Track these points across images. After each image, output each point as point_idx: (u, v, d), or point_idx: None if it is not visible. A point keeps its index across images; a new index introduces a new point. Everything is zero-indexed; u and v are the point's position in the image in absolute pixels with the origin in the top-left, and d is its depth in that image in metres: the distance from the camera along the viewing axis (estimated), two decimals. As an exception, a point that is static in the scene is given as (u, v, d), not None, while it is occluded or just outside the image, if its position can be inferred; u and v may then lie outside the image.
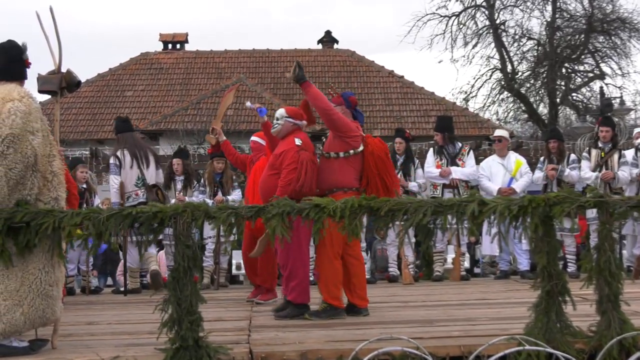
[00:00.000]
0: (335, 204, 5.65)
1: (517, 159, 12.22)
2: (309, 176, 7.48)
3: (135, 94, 32.23)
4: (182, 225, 5.54)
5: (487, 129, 28.35)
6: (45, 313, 5.75)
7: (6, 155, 5.52)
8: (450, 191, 11.75)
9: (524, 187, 11.87)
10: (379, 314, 7.85)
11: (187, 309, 5.45)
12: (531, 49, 35.32)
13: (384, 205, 5.63)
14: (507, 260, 12.24)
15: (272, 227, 5.59)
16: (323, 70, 32.81)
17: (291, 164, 7.50)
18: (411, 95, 31.19)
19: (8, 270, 5.62)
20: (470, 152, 12.24)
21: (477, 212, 5.56)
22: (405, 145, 12.14)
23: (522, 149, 17.63)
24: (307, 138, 7.86)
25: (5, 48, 5.99)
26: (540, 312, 5.67)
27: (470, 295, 9.63)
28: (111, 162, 11.17)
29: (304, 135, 7.84)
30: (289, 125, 7.85)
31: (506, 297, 9.19)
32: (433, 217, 5.65)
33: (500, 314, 7.58)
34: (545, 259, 5.65)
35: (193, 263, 5.55)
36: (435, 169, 11.85)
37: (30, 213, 5.56)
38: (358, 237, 6.18)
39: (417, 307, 8.48)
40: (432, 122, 28.46)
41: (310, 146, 7.78)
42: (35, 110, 5.74)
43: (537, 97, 35.66)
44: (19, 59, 6.00)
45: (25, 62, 6.03)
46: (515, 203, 5.58)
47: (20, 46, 6.01)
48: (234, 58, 34.18)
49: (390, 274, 12.16)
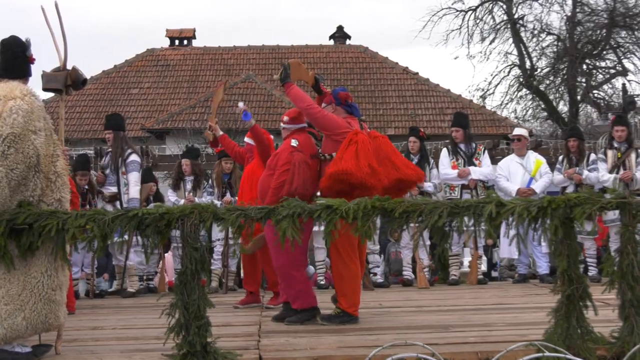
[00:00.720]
0: (347, 205, 5.64)
1: (537, 158, 12.19)
2: (300, 177, 7.48)
3: (141, 91, 32.28)
4: (190, 227, 5.55)
5: (504, 128, 28.29)
6: (48, 318, 5.75)
7: (7, 156, 5.52)
8: (469, 192, 11.72)
9: (544, 187, 11.85)
10: (393, 318, 7.85)
11: (194, 314, 5.46)
12: (551, 45, 35.23)
13: (398, 206, 5.63)
14: (525, 264, 12.23)
15: (283, 229, 5.59)
16: (335, 67, 32.79)
17: (284, 165, 7.57)
18: (426, 93, 31.14)
19: (10, 274, 5.62)
20: (485, 151, 12.23)
21: (495, 214, 5.55)
22: (419, 145, 12.12)
23: (541, 148, 17.56)
24: (308, 139, 7.90)
25: (8, 44, 6.00)
26: (561, 317, 5.66)
27: (488, 299, 9.62)
28: (136, 160, 11.20)
29: (303, 137, 7.87)
30: (289, 127, 7.97)
31: (525, 302, 9.18)
32: (449, 219, 5.64)
33: (518, 319, 7.57)
34: (565, 262, 5.64)
35: (201, 266, 5.56)
36: (452, 169, 11.83)
37: (33, 214, 5.57)
38: (371, 239, 6.19)
39: (433, 312, 8.47)
40: (448, 120, 28.48)
41: (308, 147, 7.79)
42: (37, 108, 5.75)
43: (557, 95, 35.58)
44: (21, 55, 6.01)
45: (29, 59, 6.04)
46: (535, 204, 5.57)
47: (24, 42, 6.02)
48: (242, 54, 34.20)
49: (404, 278, 12.15)
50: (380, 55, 33.45)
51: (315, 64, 32.93)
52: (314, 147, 7.87)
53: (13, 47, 6.01)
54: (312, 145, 7.87)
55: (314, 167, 7.71)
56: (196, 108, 28.72)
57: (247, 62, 33.61)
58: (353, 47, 34.53)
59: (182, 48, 35.19)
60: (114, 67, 33.61)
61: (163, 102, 31.47)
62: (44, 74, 6.41)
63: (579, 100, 34.42)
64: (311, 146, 7.84)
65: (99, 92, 31.93)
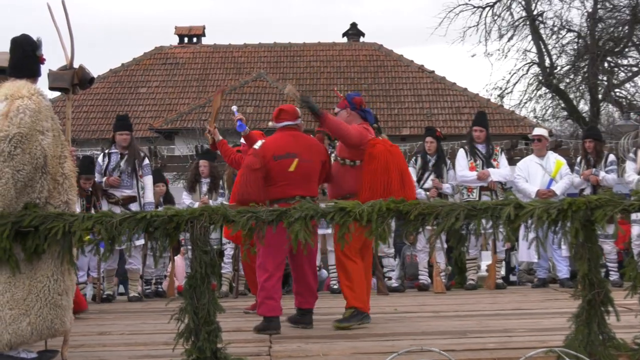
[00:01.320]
0: (361, 207, 5.64)
1: (557, 159, 12.18)
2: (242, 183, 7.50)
3: (149, 90, 32.33)
4: (200, 229, 5.56)
5: (523, 128, 28.22)
6: (53, 324, 5.75)
7: (14, 156, 5.53)
8: (488, 194, 11.70)
9: (564, 189, 11.82)
10: (409, 324, 7.85)
11: (204, 319, 5.47)
12: (571, 42, 35.10)
13: (413, 208, 5.62)
14: (545, 268, 12.19)
15: (295, 231, 5.59)
16: (348, 65, 32.78)
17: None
18: (442, 92, 31.09)
19: (15, 278, 5.63)
20: (503, 152, 12.23)
21: (514, 216, 5.54)
22: (436, 145, 12.10)
23: (561, 149, 17.54)
24: (284, 139, 7.77)
25: (19, 43, 6.01)
26: (581, 323, 5.64)
27: (506, 304, 9.60)
28: (148, 163, 11.74)
29: (278, 137, 7.80)
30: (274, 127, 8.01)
31: (544, 307, 9.16)
32: (466, 222, 5.63)
33: (538, 324, 7.56)
34: (586, 266, 5.63)
35: (211, 270, 5.57)
36: (469, 171, 11.82)
37: (39, 217, 5.58)
38: (385, 243, 6.19)
39: (450, 317, 8.46)
40: (465, 120, 28.52)
41: (272, 150, 7.63)
42: (45, 108, 5.76)
43: (578, 93, 35.46)
44: (32, 55, 6.02)
45: (39, 59, 6.05)
46: (554, 206, 5.56)
47: (35, 41, 6.03)
48: (253, 52, 34.22)
49: (420, 282, 12.14)
50: (395, 53, 33.42)
51: (328, 62, 32.95)
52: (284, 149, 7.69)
53: (24, 45, 6.03)
54: (282, 147, 7.70)
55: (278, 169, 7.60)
56: (206, 107, 28.71)
57: (258, 60, 33.62)
58: (367, 44, 34.50)
59: (191, 46, 35.22)
60: (121, 66, 33.67)
61: (172, 102, 31.51)
62: (50, 73, 6.42)
63: (600, 99, 34.28)
64: (277, 147, 7.68)
65: (106, 92, 31.99)
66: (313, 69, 32.78)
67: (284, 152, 7.62)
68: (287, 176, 7.54)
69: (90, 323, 8.57)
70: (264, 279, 7.49)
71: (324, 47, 34.02)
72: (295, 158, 7.61)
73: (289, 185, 7.52)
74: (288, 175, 7.54)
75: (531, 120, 31.24)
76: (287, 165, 7.56)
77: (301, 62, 33.24)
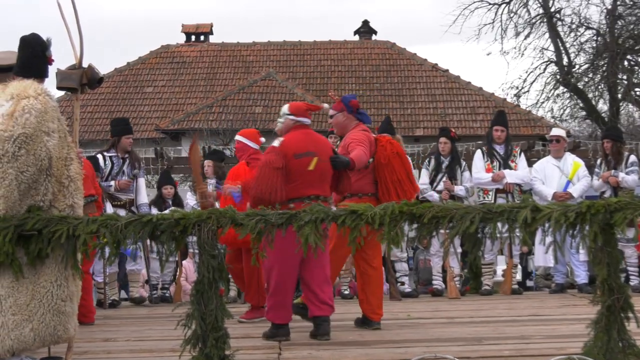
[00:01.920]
0: (373, 210, 5.64)
1: (574, 160, 12.16)
2: (260, 181, 7.34)
3: (155, 90, 32.39)
4: (207, 233, 5.56)
5: (540, 128, 28.20)
6: (56, 330, 5.75)
7: (17, 157, 5.53)
8: (504, 197, 11.69)
9: (582, 191, 11.81)
10: (422, 330, 7.84)
11: (212, 325, 5.47)
12: (590, 40, 34.98)
13: (427, 211, 5.62)
14: (563, 273, 12.17)
15: (305, 235, 5.59)
16: (360, 63, 32.79)
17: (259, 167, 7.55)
18: (457, 91, 31.10)
19: (18, 283, 5.63)
20: (522, 152, 12.21)
21: (530, 219, 5.53)
22: (450, 146, 12.10)
23: (579, 150, 17.50)
24: (301, 137, 7.70)
25: (28, 42, 6.02)
26: (600, 329, 5.63)
27: (523, 310, 9.59)
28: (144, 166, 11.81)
29: (294, 135, 7.70)
30: (290, 122, 7.78)
31: (562, 313, 9.15)
32: (481, 225, 5.63)
33: (555, 331, 7.55)
34: (605, 270, 5.61)
35: (219, 274, 5.57)
36: (486, 173, 11.81)
37: (43, 220, 5.59)
38: (398, 247, 6.19)
39: (464, 323, 8.46)
40: (480, 120, 28.53)
41: (293, 147, 7.54)
42: (52, 109, 5.75)
43: (597, 93, 35.33)
44: (41, 55, 6.03)
45: (48, 59, 6.06)
46: (573, 209, 5.54)
47: (44, 41, 6.04)
48: (262, 51, 34.27)
49: (434, 288, 12.14)
50: (408, 52, 33.44)
51: (339, 61, 32.97)
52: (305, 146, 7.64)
53: (33, 45, 6.03)
54: (302, 144, 7.63)
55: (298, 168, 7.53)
56: (213, 107, 28.80)
57: (267, 59, 33.66)
58: (379, 42, 34.52)
59: (198, 44, 35.29)
60: (126, 65, 33.74)
61: (178, 101, 31.57)
62: (59, 72, 6.41)
63: (619, 98, 34.18)
64: (297, 146, 7.60)
65: (111, 91, 32.05)
66: (324, 67, 32.81)
67: (304, 150, 7.59)
68: (306, 175, 7.51)
69: (95, 329, 8.58)
70: (275, 284, 7.42)
71: (335, 45, 34.05)
72: (314, 157, 7.62)
73: (305, 184, 7.50)
74: (307, 174, 7.52)
75: (548, 121, 31.20)
76: (306, 164, 7.53)
77: (311, 61, 33.27)
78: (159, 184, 13.21)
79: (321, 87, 31.27)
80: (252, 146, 9.33)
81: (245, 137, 9.43)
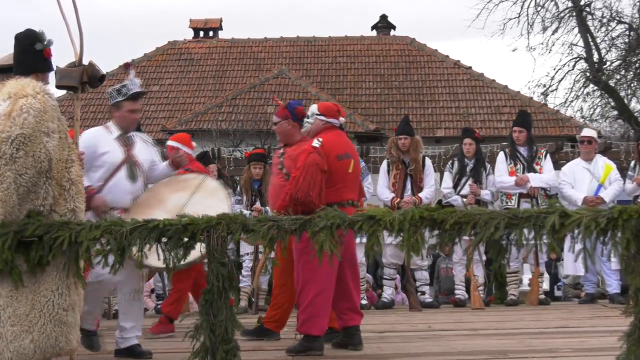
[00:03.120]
0: (392, 215, 5.63)
1: (606, 163, 12.12)
2: (306, 183, 7.30)
3: (161, 88, 32.45)
4: (216, 239, 5.57)
5: (569, 128, 28.14)
6: (58, 342, 5.75)
7: (16, 159, 5.53)
8: (528, 201, 11.67)
9: (614, 196, 11.77)
10: (444, 343, 7.84)
11: (221, 337, 5.48)
12: (622, 35, 34.92)
13: (449, 217, 5.61)
14: (593, 282, 12.14)
15: (320, 242, 5.58)
16: (378, 60, 32.78)
17: (298, 168, 7.49)
18: (480, 89, 31.06)
19: (17, 292, 5.64)
20: (547, 155, 12.18)
21: (559, 226, 5.52)
22: (475, 147, 12.07)
23: (610, 152, 17.45)
24: (338, 138, 7.80)
25: (17, 39, 6.07)
26: (633, 342, 5.61)
27: (550, 322, 9.57)
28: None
29: (331, 136, 7.76)
30: (320, 123, 7.84)
31: (592, 325, 9.13)
32: (507, 231, 5.61)
33: (585, 344, 7.54)
34: (638, 280, 5.60)
35: (229, 284, 5.58)
36: (508, 176, 11.78)
37: (43, 225, 5.60)
38: (418, 254, 6.17)
39: (489, 335, 8.45)
40: (505, 120, 28.47)
41: (334, 149, 7.62)
42: (51, 108, 5.76)
43: (629, 91, 35.27)
44: (30, 49, 6.05)
45: (43, 53, 6.07)
46: (604, 215, 5.52)
47: (33, 34, 6.06)
48: (274, 47, 34.28)
49: (456, 298, 12.12)
50: (428, 48, 33.40)
51: (355, 57, 32.97)
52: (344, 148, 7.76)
53: (21, 40, 6.07)
54: (341, 146, 7.74)
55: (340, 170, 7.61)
56: (223, 107, 28.84)
57: (280, 55, 33.68)
58: (398, 38, 34.50)
59: (207, 40, 35.35)
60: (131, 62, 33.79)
61: (186, 101, 31.63)
62: (58, 70, 6.43)
63: (653, 97, 34.14)
64: (338, 147, 7.69)
65: (115, 90, 32.07)
66: (339, 65, 32.81)
67: (343, 151, 7.66)
68: (346, 178, 7.56)
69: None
70: (314, 294, 7.38)
71: (351, 41, 34.03)
72: (352, 159, 7.67)
73: (345, 187, 7.53)
74: (346, 177, 7.57)
75: (578, 121, 31.14)
76: (347, 166, 7.58)
77: (326, 58, 33.28)
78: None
79: (337, 86, 31.28)
80: (187, 151, 9.37)
81: (178, 142, 9.49)
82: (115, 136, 7.77)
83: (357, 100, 30.40)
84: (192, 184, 7.64)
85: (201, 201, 7.16)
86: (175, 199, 7.43)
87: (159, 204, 6.92)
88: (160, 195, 7.61)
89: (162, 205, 6.77)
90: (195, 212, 5.76)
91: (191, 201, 7.26)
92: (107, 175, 7.55)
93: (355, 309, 7.69)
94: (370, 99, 31.04)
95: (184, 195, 7.41)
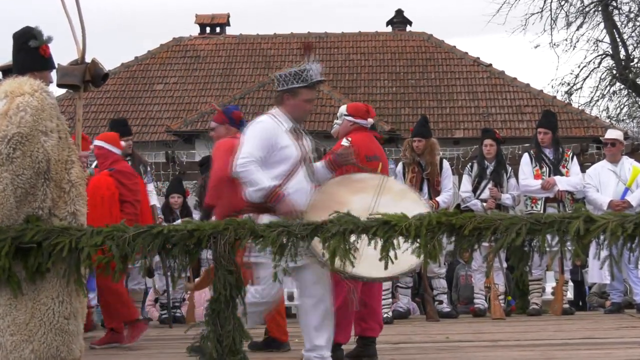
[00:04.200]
0: (408, 220, 5.63)
1: (633, 165, 12.09)
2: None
3: (166, 87, 32.48)
4: (223, 246, 5.57)
5: (594, 129, 28.08)
6: (59, 351, 5.76)
7: (13, 160, 5.53)
8: (554, 206, 11.63)
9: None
10: (463, 355, 7.84)
11: (229, 348, 5.49)
12: (650, 31, 34.90)
13: (468, 222, 5.61)
14: (620, 291, 12.12)
15: (332, 248, 5.58)
16: (393, 57, 32.78)
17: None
18: (501, 88, 31.04)
19: (17, 300, 5.66)
20: (574, 157, 12.15)
21: (583, 231, 5.51)
22: (496, 149, 12.04)
23: (638, 153, 17.43)
24: (367, 139, 7.92)
25: (14, 37, 6.10)
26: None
27: (575, 333, 9.57)
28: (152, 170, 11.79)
29: (360, 136, 7.84)
30: (348, 124, 7.94)
31: (619, 336, 9.12)
32: (529, 237, 5.61)
33: (611, 356, 7.53)
34: (668, 289, 5.59)
35: (236, 292, 5.58)
36: (534, 180, 11.75)
37: (42, 231, 5.61)
38: (436, 261, 6.16)
39: (510, 347, 8.44)
40: (527, 120, 28.44)
41: (364, 149, 7.70)
42: (49, 106, 5.77)
43: (658, 90, 35.23)
44: (25, 47, 6.07)
45: (39, 50, 6.08)
46: (631, 220, 5.52)
47: (28, 32, 6.08)
48: (284, 43, 34.29)
49: (476, 307, 12.11)
50: (446, 44, 33.39)
51: (369, 54, 32.97)
52: (374, 148, 7.87)
53: (16, 39, 6.10)
54: (368, 146, 7.84)
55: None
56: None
57: (290, 52, 33.64)
58: (415, 34, 34.48)
59: (214, 36, 35.37)
60: (134, 60, 33.85)
61: (192, 100, 31.64)
62: (59, 68, 6.43)
63: (683, 96, 34.06)
64: (368, 148, 7.80)
65: (117, 89, 32.16)
66: (353, 62, 32.82)
67: (373, 152, 7.74)
68: None
69: (101, 352, 8.62)
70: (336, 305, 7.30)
71: (365, 37, 34.03)
72: (380, 161, 7.71)
73: None
74: None
75: (604, 121, 31.08)
76: (375, 168, 7.60)
77: (339, 55, 33.28)
78: (167, 192, 13.26)
79: (350, 84, 31.29)
80: (115, 152, 9.34)
81: (106, 142, 9.43)
82: (286, 127, 7.14)
83: (371, 100, 30.33)
84: (370, 184, 7.10)
85: (393, 204, 6.67)
86: (359, 202, 6.81)
87: (339, 207, 6.35)
88: (338, 197, 6.96)
89: (344, 208, 6.27)
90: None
91: (380, 204, 6.82)
92: (287, 174, 6.99)
93: (375, 319, 7.70)
94: (385, 98, 31.02)
95: (367, 197, 6.87)
